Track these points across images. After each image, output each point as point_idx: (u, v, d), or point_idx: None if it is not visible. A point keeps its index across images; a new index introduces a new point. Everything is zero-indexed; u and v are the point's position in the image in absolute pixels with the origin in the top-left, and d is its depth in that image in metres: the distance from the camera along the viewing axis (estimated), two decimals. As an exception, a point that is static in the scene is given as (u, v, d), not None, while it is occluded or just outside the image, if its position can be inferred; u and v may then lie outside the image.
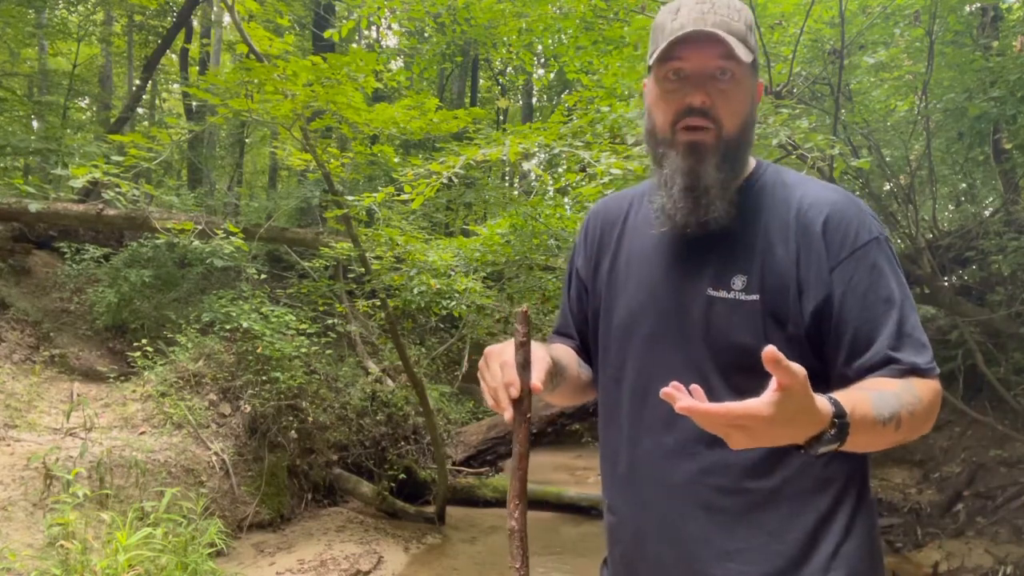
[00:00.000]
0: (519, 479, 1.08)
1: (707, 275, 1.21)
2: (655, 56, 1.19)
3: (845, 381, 1.14)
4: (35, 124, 12.09)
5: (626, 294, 1.31)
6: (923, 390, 1.12)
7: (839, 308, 1.16)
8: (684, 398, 0.93)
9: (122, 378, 6.46)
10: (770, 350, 0.88)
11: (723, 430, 0.94)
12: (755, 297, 1.18)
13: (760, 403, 0.91)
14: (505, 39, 6.55)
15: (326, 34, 5.90)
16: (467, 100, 15.79)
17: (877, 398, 1.05)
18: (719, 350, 1.19)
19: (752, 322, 1.17)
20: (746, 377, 1.13)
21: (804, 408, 0.93)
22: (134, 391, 5.97)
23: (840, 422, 0.98)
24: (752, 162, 1.30)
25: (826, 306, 1.17)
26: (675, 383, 0.95)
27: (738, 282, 1.19)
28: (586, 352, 1.44)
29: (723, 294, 1.19)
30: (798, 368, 0.90)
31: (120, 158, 4.78)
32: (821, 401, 0.96)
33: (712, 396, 1.06)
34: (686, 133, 1.19)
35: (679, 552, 1.23)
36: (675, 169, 1.20)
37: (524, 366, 1.09)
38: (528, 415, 1.10)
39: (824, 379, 1.15)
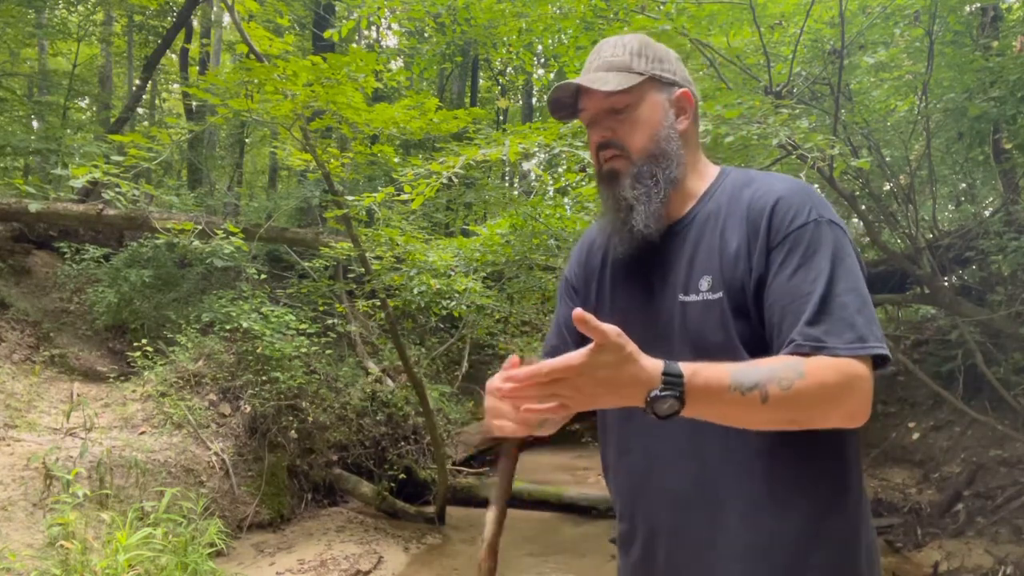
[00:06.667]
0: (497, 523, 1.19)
1: (679, 282, 1.27)
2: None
3: None
4: (35, 124, 12.09)
5: (615, 308, 1.37)
6: (816, 367, 1.06)
7: (769, 290, 1.17)
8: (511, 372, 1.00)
9: (122, 378, 6.46)
10: (578, 312, 0.95)
11: (549, 390, 0.98)
12: (720, 295, 1.21)
13: (574, 355, 0.97)
14: (505, 39, 6.54)
15: (326, 34, 5.89)
16: (467, 100, 15.78)
17: (738, 368, 1.06)
18: (698, 351, 1.21)
19: (721, 319, 1.20)
20: None
21: (620, 363, 0.98)
22: (134, 391, 5.97)
23: (670, 379, 1.00)
24: (716, 170, 1.35)
25: (761, 288, 1.19)
26: (511, 363, 1.04)
27: (704, 283, 1.23)
28: None
29: (693, 297, 1.24)
30: (610, 328, 0.96)
31: (120, 158, 4.77)
32: (652, 362, 1.01)
33: None
34: (604, 163, 1.33)
35: (686, 554, 1.25)
36: (604, 197, 1.34)
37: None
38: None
39: None
